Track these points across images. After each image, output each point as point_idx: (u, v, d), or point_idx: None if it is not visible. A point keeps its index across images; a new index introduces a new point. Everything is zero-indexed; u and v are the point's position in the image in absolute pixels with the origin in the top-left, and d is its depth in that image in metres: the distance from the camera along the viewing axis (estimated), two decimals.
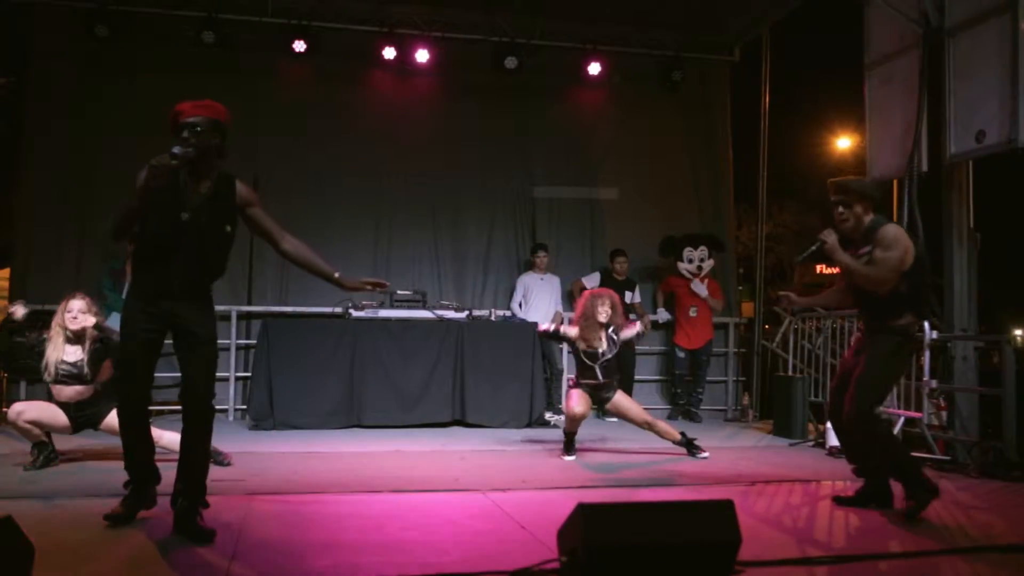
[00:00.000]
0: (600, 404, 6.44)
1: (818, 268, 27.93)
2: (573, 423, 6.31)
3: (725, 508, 3.17)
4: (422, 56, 9.11)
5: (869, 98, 7.86)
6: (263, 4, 8.73)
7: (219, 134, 3.86)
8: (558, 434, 7.60)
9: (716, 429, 8.41)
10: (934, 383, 6.71)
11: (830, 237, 4.58)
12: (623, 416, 6.48)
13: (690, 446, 6.37)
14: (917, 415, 6.67)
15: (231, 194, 3.93)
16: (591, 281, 8.93)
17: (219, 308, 8.09)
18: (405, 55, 9.11)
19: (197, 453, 3.92)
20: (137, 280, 3.92)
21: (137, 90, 8.53)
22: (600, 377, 6.33)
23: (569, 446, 6.33)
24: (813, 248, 4.67)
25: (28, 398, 8.04)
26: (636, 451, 6.73)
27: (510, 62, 9.24)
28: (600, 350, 6.33)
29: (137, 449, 3.99)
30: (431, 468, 5.78)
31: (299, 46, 8.83)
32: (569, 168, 9.72)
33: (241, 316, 8.58)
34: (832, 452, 6.58)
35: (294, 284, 8.92)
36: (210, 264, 3.95)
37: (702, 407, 9.23)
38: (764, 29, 9.69)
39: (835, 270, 5.93)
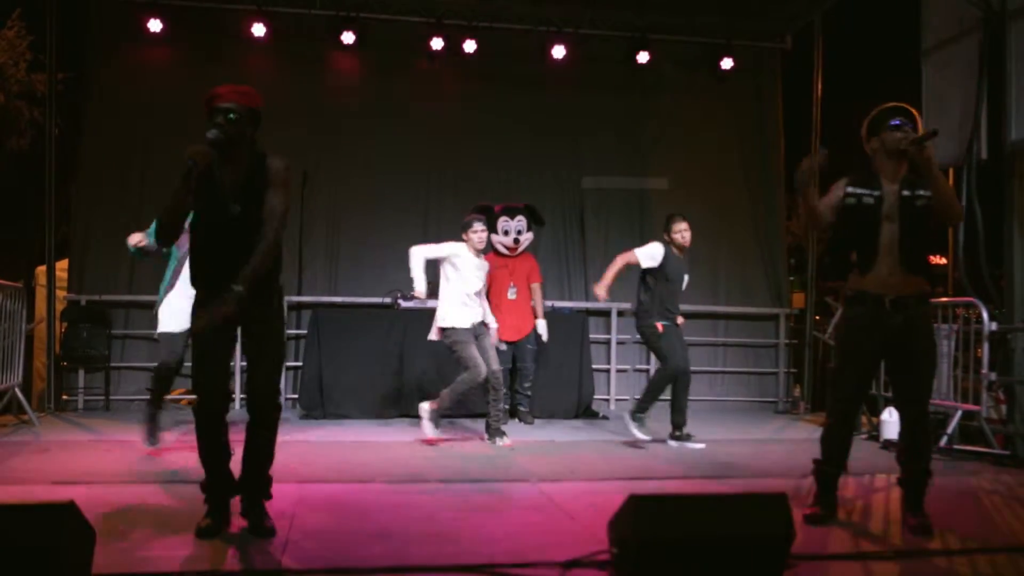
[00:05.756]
0: None
1: None
2: None
3: (779, 501, 3.12)
4: (470, 47, 9.09)
5: (926, 84, 7.67)
6: None
7: (254, 123, 3.72)
8: (607, 425, 7.59)
9: (767, 421, 8.31)
10: (993, 376, 6.55)
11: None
12: None
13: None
14: (976, 408, 6.52)
15: (266, 176, 3.70)
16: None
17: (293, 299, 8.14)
18: (453, 46, 9.10)
19: (262, 447, 3.86)
20: (198, 281, 3.79)
21: (189, 84, 8.64)
22: None
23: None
24: (924, 136, 3.92)
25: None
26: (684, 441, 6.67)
27: (558, 52, 9.20)
28: None
29: (213, 454, 3.77)
30: (480, 458, 5.79)
31: (348, 38, 8.87)
32: (618, 158, 9.63)
33: (291, 306, 8.65)
34: (886, 445, 6.47)
35: (344, 274, 9.00)
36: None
37: (752, 398, 9.13)
38: (816, 15, 9.50)
39: None
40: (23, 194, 12.76)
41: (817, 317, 9.83)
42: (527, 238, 7.87)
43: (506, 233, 7.81)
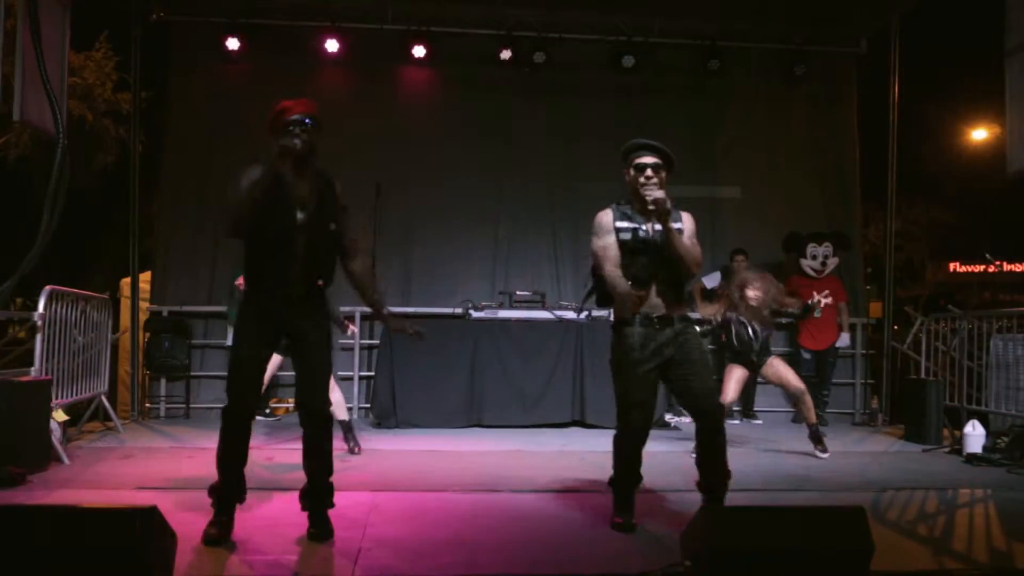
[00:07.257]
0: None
1: (952, 266, 26.48)
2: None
3: (857, 515, 3.06)
4: (539, 58, 9.11)
5: (1010, 86, 7.44)
6: (384, 11, 8.93)
7: (319, 133, 3.86)
8: (677, 435, 7.53)
9: (844, 433, 8.12)
10: None
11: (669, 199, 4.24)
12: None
13: (817, 438, 6.54)
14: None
15: (333, 193, 3.91)
16: (711, 280, 8.77)
17: (344, 309, 8.43)
18: (522, 58, 9.15)
19: (318, 457, 3.92)
20: (252, 284, 3.89)
21: (267, 100, 8.79)
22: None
23: None
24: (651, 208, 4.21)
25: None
26: (759, 452, 6.58)
27: (627, 61, 9.18)
28: None
29: (232, 458, 3.84)
30: (552, 469, 5.78)
31: (419, 51, 8.99)
32: (690, 166, 9.53)
33: (365, 317, 8.74)
34: (970, 459, 6.29)
35: (417, 285, 9.10)
36: (323, 265, 3.90)
37: (828, 410, 8.94)
38: (893, 19, 9.27)
39: (973, 268, 5.66)
40: (109, 209, 13.24)
41: (896, 327, 9.59)
42: (833, 262, 9.00)
43: (814, 257, 8.96)
